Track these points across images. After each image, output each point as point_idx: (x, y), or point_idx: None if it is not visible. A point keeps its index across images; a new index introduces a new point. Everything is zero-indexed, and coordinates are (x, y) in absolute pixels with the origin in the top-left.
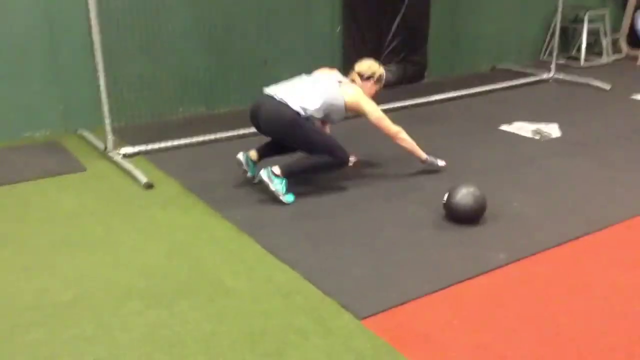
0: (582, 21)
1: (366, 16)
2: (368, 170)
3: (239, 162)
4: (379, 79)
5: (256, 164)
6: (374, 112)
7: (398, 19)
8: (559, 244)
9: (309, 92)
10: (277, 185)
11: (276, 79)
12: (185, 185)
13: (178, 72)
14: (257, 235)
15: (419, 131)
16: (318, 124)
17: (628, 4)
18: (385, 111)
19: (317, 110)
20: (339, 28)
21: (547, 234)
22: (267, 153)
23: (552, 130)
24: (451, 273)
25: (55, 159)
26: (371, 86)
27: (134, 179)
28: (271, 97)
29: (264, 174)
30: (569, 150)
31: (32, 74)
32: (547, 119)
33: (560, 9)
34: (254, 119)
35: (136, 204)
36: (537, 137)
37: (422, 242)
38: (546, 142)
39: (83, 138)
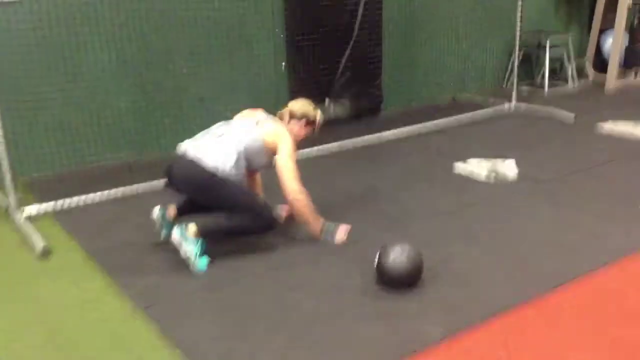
0: (544, 47)
1: (312, 49)
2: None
3: (153, 220)
4: (311, 122)
5: (173, 222)
6: (285, 156)
7: (347, 51)
8: (504, 310)
9: (223, 146)
10: (189, 247)
11: (215, 119)
12: (90, 250)
13: (102, 115)
14: (155, 313)
15: (365, 171)
16: (242, 178)
17: (593, 26)
18: (334, 151)
19: (234, 166)
20: (283, 63)
21: (492, 298)
22: (186, 210)
23: (509, 167)
24: (375, 354)
25: None
26: (300, 127)
27: (32, 245)
28: (183, 156)
29: (176, 232)
30: (525, 191)
31: None
32: (505, 154)
33: (518, 35)
34: (169, 180)
35: (26, 277)
36: (492, 175)
37: (346, 314)
38: (501, 181)
39: None
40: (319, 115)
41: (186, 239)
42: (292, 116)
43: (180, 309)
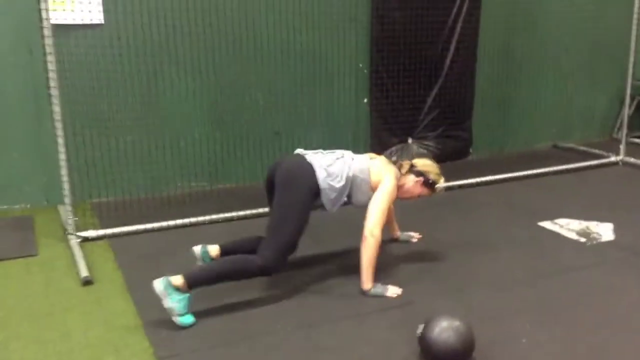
0: None
1: (398, 86)
2: (355, 269)
3: (195, 256)
4: (429, 184)
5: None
6: (382, 194)
7: (435, 89)
8: None
9: (338, 166)
10: (173, 302)
11: (290, 153)
12: (130, 282)
13: (175, 144)
14: None
15: (437, 221)
16: (335, 205)
17: None
18: None
19: (339, 189)
20: (365, 99)
21: None
22: (231, 250)
23: (604, 231)
24: None
25: (13, 240)
26: (415, 184)
27: (78, 271)
28: (301, 156)
29: (158, 284)
30: (619, 262)
31: (12, 143)
32: (603, 216)
33: (630, 81)
34: (272, 172)
35: (59, 307)
36: (582, 240)
37: None
38: (593, 246)
39: (59, 214)
40: (440, 180)
41: (169, 292)
42: (411, 170)
43: None
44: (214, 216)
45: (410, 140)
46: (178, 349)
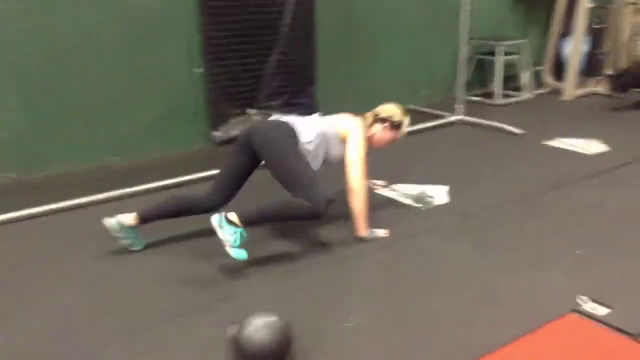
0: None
1: (234, 54)
2: (180, 257)
3: (108, 229)
4: (397, 126)
5: (134, 229)
6: (355, 150)
7: (275, 55)
8: None
9: (308, 125)
10: (228, 234)
11: (117, 128)
12: None
13: None
14: None
15: (265, 196)
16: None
17: (551, 31)
18: None
19: (311, 143)
20: (200, 69)
21: None
22: (152, 215)
23: (438, 194)
24: None
25: None
26: (384, 130)
27: None
28: (273, 118)
29: (214, 220)
30: (449, 226)
31: None
32: (439, 178)
33: (463, 40)
34: (247, 134)
35: None
36: (417, 205)
37: None
38: (427, 212)
39: None
40: (405, 120)
41: (224, 225)
42: (376, 118)
43: None
44: (38, 209)
45: (251, 111)
46: None
